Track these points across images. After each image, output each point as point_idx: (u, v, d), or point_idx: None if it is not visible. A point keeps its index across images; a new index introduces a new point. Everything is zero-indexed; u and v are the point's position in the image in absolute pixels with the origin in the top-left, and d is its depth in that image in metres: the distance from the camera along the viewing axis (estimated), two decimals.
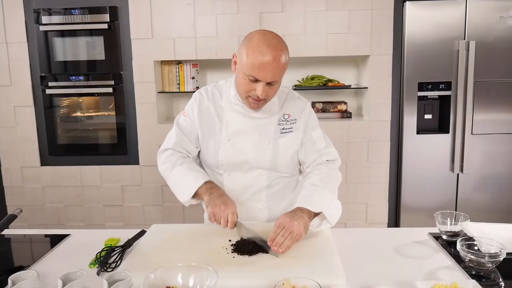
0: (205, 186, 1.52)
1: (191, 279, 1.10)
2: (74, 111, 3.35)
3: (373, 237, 1.52)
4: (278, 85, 1.52)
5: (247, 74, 1.44)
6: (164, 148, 1.69)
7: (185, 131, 1.67)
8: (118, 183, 3.25)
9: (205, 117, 1.65)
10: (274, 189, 1.68)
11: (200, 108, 1.66)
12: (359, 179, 3.19)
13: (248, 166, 1.63)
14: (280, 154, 1.62)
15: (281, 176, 1.67)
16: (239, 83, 1.51)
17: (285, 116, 1.64)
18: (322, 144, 1.66)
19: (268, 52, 1.40)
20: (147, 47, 3.08)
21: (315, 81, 3.31)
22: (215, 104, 1.65)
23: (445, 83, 2.98)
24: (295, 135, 1.63)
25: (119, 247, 1.38)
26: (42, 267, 1.33)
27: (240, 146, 1.61)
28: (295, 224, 1.32)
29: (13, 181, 3.29)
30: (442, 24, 2.91)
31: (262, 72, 1.41)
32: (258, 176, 1.64)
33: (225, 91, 1.66)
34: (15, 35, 3.10)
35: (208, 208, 1.45)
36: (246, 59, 1.43)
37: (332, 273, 1.20)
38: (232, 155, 1.61)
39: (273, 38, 1.45)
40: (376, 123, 3.12)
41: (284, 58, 1.44)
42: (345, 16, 3.01)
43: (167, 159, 1.65)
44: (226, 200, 1.44)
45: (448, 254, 1.36)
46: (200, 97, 1.68)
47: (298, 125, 1.64)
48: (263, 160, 1.62)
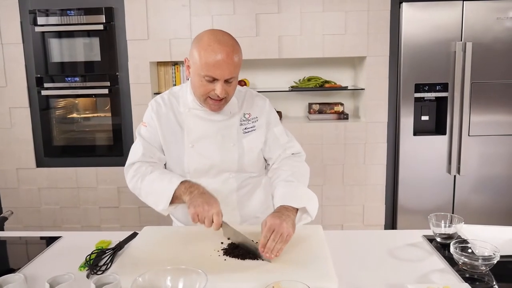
0: (183, 186, 1.46)
1: (180, 282, 1.09)
2: (70, 112, 3.34)
3: (366, 239, 1.51)
4: (236, 82, 1.51)
5: (203, 75, 1.42)
6: (130, 163, 1.61)
7: (150, 141, 1.61)
8: (114, 185, 3.24)
9: (165, 125, 1.60)
10: (244, 191, 1.66)
11: (158, 116, 1.61)
12: (355, 181, 3.18)
13: (215, 170, 1.60)
14: (246, 154, 1.61)
15: (250, 176, 1.66)
16: (196, 86, 1.48)
17: (246, 116, 1.63)
18: (284, 139, 1.67)
19: (220, 49, 1.39)
20: (143, 48, 3.07)
21: (311, 82, 3.30)
22: (173, 111, 1.61)
23: (442, 84, 2.97)
24: (258, 133, 1.63)
25: (110, 249, 1.37)
26: (31, 270, 1.31)
27: (205, 151, 1.58)
28: (284, 226, 1.30)
29: (9, 183, 3.28)
30: (438, 25, 2.91)
31: (218, 70, 1.40)
32: (226, 179, 1.62)
33: (182, 97, 1.62)
34: (11, 36, 3.09)
35: (190, 208, 1.38)
36: (199, 60, 1.41)
37: (324, 276, 1.19)
38: (198, 161, 1.58)
39: (223, 35, 1.44)
40: (372, 124, 3.11)
41: (237, 53, 1.43)
42: (341, 17, 3.00)
43: (136, 171, 1.57)
44: (209, 199, 1.40)
45: (441, 257, 1.35)
46: (157, 106, 1.63)
47: (260, 123, 1.64)
48: (229, 162, 1.60)
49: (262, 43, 3.04)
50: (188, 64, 1.51)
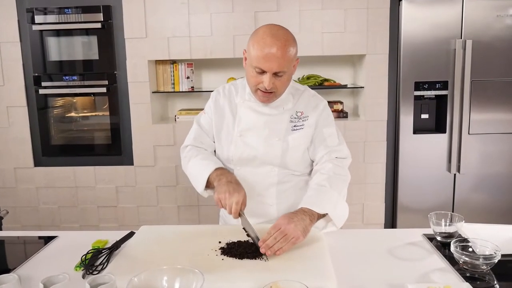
0: (215, 173, 1.55)
1: (176, 282, 1.07)
2: (68, 111, 3.32)
3: (366, 238, 1.49)
4: (287, 77, 1.52)
5: (254, 66, 1.47)
6: (184, 145, 1.77)
7: (204, 128, 1.74)
8: (112, 184, 3.22)
9: (220, 113, 1.70)
10: (284, 187, 1.67)
11: (216, 105, 1.71)
12: (355, 180, 3.13)
13: (258, 161, 1.64)
14: (290, 151, 1.62)
15: (292, 174, 1.66)
16: (249, 76, 1.54)
17: (297, 114, 1.64)
18: (334, 141, 1.63)
19: (272, 42, 1.42)
20: (141, 47, 3.05)
21: (311, 80, 3.28)
22: (230, 101, 1.70)
23: (442, 82, 2.96)
24: (305, 132, 1.63)
25: (106, 249, 1.35)
26: (27, 270, 1.30)
27: (251, 141, 1.63)
28: (291, 227, 1.29)
29: (6, 182, 3.26)
30: (438, 23, 2.89)
31: (267, 62, 1.43)
32: (268, 172, 1.64)
33: (240, 88, 1.70)
34: (8, 35, 3.07)
35: (215, 194, 1.48)
36: (252, 51, 1.46)
37: (323, 276, 1.17)
38: (243, 150, 1.64)
39: (279, 30, 1.47)
40: (372, 123, 3.10)
41: (289, 48, 1.45)
42: (341, 15, 2.98)
43: (186, 154, 1.72)
44: (233, 188, 1.45)
45: (442, 256, 1.33)
46: (217, 95, 1.74)
47: (310, 122, 1.63)
48: (272, 156, 1.62)
49: None
50: (245, 55, 1.55)
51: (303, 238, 1.31)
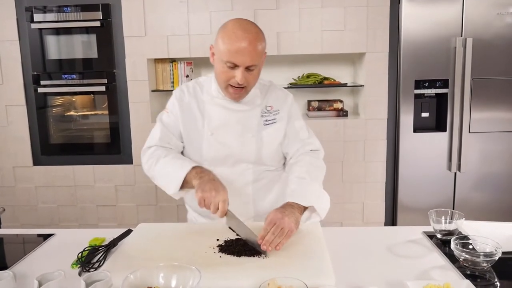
0: (194, 171, 1.47)
1: (173, 279, 1.06)
2: (67, 110, 3.31)
3: (365, 236, 1.48)
4: (257, 72, 1.51)
5: (225, 61, 1.44)
6: (148, 146, 1.66)
7: (169, 127, 1.64)
8: (111, 183, 3.21)
9: (187, 112, 1.63)
10: (260, 184, 1.65)
11: (181, 104, 1.64)
12: (355, 178, 3.15)
13: (232, 160, 1.61)
14: (265, 146, 1.61)
15: (267, 170, 1.65)
16: (218, 72, 1.50)
17: (267, 108, 1.64)
18: (305, 134, 1.66)
19: (244, 36, 1.41)
20: (140, 45, 3.04)
21: (310, 79, 3.27)
22: (197, 99, 1.64)
23: (442, 80, 2.94)
24: (278, 126, 1.63)
25: (103, 246, 1.34)
26: (23, 267, 1.29)
27: (224, 139, 1.59)
28: (286, 221, 1.29)
29: (5, 181, 3.25)
30: (439, 21, 2.87)
31: (240, 56, 1.41)
32: (243, 170, 1.62)
33: (206, 86, 1.65)
34: (7, 34, 3.06)
35: (198, 192, 1.38)
36: (222, 46, 1.43)
37: (321, 273, 1.16)
38: (216, 150, 1.59)
39: (248, 23, 1.46)
40: (372, 121, 3.08)
41: (260, 41, 1.45)
42: (340, 13, 2.97)
43: (151, 154, 1.61)
44: (217, 186, 1.39)
45: (442, 254, 1.32)
46: (181, 93, 1.66)
47: (281, 116, 1.64)
48: (247, 153, 1.60)
49: None
50: (213, 51, 1.53)
51: (296, 230, 1.33)
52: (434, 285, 1.02)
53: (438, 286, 1.02)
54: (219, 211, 1.35)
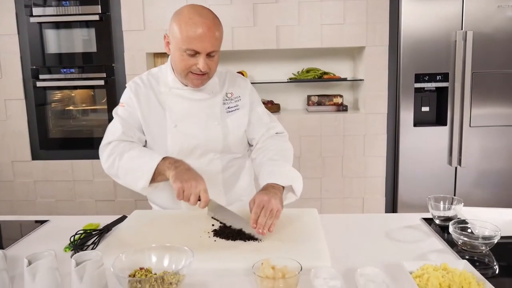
0: (167, 161, 1.39)
1: (165, 260, 1.04)
2: (66, 104, 3.30)
3: (363, 222, 1.46)
4: (218, 57, 1.48)
5: (185, 49, 1.39)
6: (107, 142, 1.53)
7: (129, 120, 1.55)
8: (110, 178, 3.16)
9: (145, 105, 1.55)
10: (229, 172, 1.64)
11: (138, 96, 1.55)
12: (355, 173, 3.12)
13: (200, 151, 1.56)
14: (231, 134, 1.59)
15: (234, 157, 1.64)
16: (177, 61, 1.44)
17: (228, 95, 1.62)
18: (267, 118, 1.66)
19: (202, 22, 1.37)
20: (139, 39, 3.03)
21: (310, 74, 3.25)
22: (154, 91, 1.56)
23: (442, 74, 2.92)
24: (241, 112, 1.62)
25: (97, 231, 1.33)
26: (15, 250, 1.28)
27: (189, 130, 1.54)
28: (272, 202, 1.27)
29: (4, 176, 3.24)
30: (439, 14, 2.85)
31: (200, 42, 1.37)
32: (211, 160, 1.59)
33: (162, 77, 1.58)
34: (5, 27, 3.05)
35: (176, 183, 1.31)
36: (180, 34, 1.38)
37: (317, 255, 1.14)
38: (182, 141, 1.54)
39: (203, 9, 1.42)
40: (372, 115, 3.06)
41: (218, 26, 1.43)
42: (340, 6, 2.95)
43: (112, 150, 1.49)
44: (196, 176, 1.34)
45: (440, 238, 1.30)
46: (136, 86, 1.58)
47: (244, 102, 1.63)
48: (214, 142, 1.57)
49: (259, 33, 3.00)
50: (168, 40, 1.48)
51: (282, 209, 1.31)
52: (431, 265, 1.00)
53: (435, 266, 1.00)
54: (202, 201, 1.31)
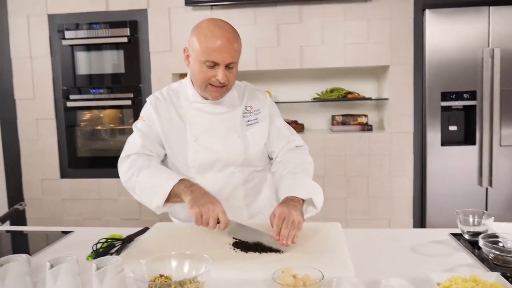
0: (183, 185, 1.37)
1: (185, 267, 1.04)
2: (94, 124, 3.38)
3: (389, 236, 1.42)
4: (236, 70, 1.49)
5: (204, 61, 1.41)
6: (126, 155, 1.53)
7: (149, 134, 1.55)
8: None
9: (166, 119, 1.56)
10: (250, 185, 1.62)
11: (158, 111, 1.56)
12: (381, 193, 3.06)
13: (220, 164, 1.55)
14: (251, 147, 1.58)
15: (255, 170, 1.63)
16: (196, 73, 1.45)
17: (247, 108, 1.62)
18: (287, 132, 1.65)
19: (221, 34, 1.39)
20: (166, 60, 3.11)
21: (334, 93, 3.25)
22: (174, 105, 1.58)
23: (470, 92, 2.87)
24: (261, 125, 1.61)
25: (119, 240, 1.33)
26: (40, 256, 1.30)
27: (209, 144, 1.54)
28: (293, 213, 1.25)
29: (33, 193, 3.32)
30: (464, 32, 2.83)
31: (219, 54, 1.39)
32: (232, 173, 1.58)
33: (181, 92, 1.60)
34: (39, 50, 3.19)
35: (193, 207, 1.29)
36: (199, 46, 1.40)
37: (339, 266, 1.11)
38: (203, 155, 1.54)
39: (222, 21, 1.46)
40: (398, 135, 3.02)
41: (237, 38, 1.45)
42: (363, 26, 2.96)
43: (132, 164, 1.49)
44: (212, 199, 1.32)
45: (470, 253, 1.24)
46: (156, 100, 1.59)
47: (263, 115, 1.62)
48: (235, 155, 1.55)
49: (283, 53, 3.03)
50: (188, 53, 1.50)
51: (303, 221, 1.29)
52: (460, 277, 0.96)
53: (464, 278, 0.95)
54: (221, 223, 1.28)
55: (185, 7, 3.04)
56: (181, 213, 1.66)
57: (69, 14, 3.13)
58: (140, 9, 3.09)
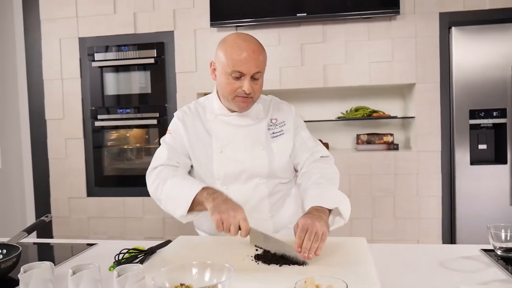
0: (205, 192, 1.38)
1: (206, 276, 1.02)
2: (120, 143, 3.45)
3: (416, 251, 1.37)
4: (261, 82, 1.53)
5: (230, 72, 1.45)
6: (153, 167, 1.58)
7: (176, 146, 1.60)
8: (159, 215, 3.24)
9: (192, 132, 1.61)
10: (276, 197, 1.62)
11: (185, 124, 1.62)
12: (408, 214, 2.98)
13: (245, 175, 1.57)
14: (276, 158, 1.58)
15: (280, 182, 1.62)
16: (223, 85, 1.50)
17: (273, 121, 1.64)
18: (312, 143, 1.65)
19: (246, 45, 1.45)
20: (191, 80, 3.16)
21: (359, 112, 3.22)
22: (200, 119, 1.63)
23: (499, 110, 2.79)
24: (286, 137, 1.62)
25: (141, 252, 1.33)
26: (64, 266, 1.31)
27: (234, 155, 1.57)
28: (317, 224, 1.22)
29: (60, 212, 3.38)
30: (492, 49, 2.78)
31: (245, 64, 1.43)
32: (257, 185, 1.58)
33: (208, 105, 1.65)
34: (70, 72, 3.29)
35: (214, 214, 1.29)
36: (225, 58, 1.46)
37: (365, 279, 1.07)
38: (228, 166, 1.56)
39: (247, 35, 1.51)
40: (424, 153, 2.95)
41: (262, 50, 1.49)
42: (388, 44, 2.95)
43: (157, 175, 1.54)
44: (233, 205, 1.32)
45: (503, 269, 1.18)
46: (183, 114, 1.65)
47: (288, 127, 1.63)
48: (260, 166, 1.57)
49: (307, 73, 3.04)
50: (214, 67, 1.55)
51: (328, 232, 1.26)
52: None
53: None
54: (243, 230, 1.27)
55: (210, 29, 3.11)
56: (206, 226, 1.66)
57: (99, 37, 3.24)
58: (167, 31, 3.17)
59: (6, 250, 1.32)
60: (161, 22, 3.17)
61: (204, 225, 1.67)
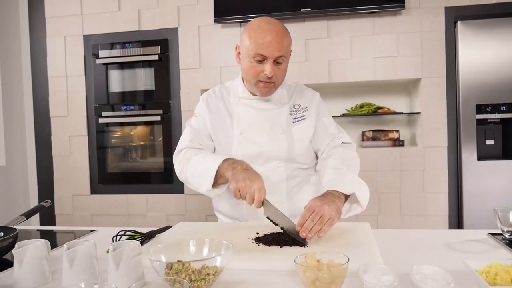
0: (226, 163, 1.42)
1: (205, 248, 1.00)
2: (125, 140, 3.44)
3: (422, 235, 1.33)
4: (285, 66, 1.52)
5: (253, 55, 1.46)
6: (178, 150, 1.65)
7: (199, 129, 1.65)
8: (163, 212, 3.22)
9: (215, 114, 1.65)
10: (294, 182, 1.60)
11: (209, 106, 1.66)
12: (414, 211, 2.93)
13: (263, 158, 1.58)
14: (296, 143, 1.58)
15: (299, 167, 1.62)
16: (247, 69, 1.51)
17: (295, 106, 1.64)
18: (334, 129, 1.64)
19: (270, 29, 1.45)
20: (195, 77, 3.15)
21: (364, 109, 3.19)
22: (224, 101, 1.67)
23: (507, 104, 2.75)
24: (308, 122, 1.62)
25: (140, 235, 1.31)
26: (61, 251, 1.28)
27: (254, 138, 1.58)
28: (325, 208, 1.19)
29: (64, 209, 3.36)
30: (499, 43, 2.74)
31: (268, 48, 1.43)
32: (275, 168, 1.58)
33: (232, 89, 1.68)
34: (74, 69, 3.30)
35: (232, 183, 1.33)
36: (249, 41, 1.47)
37: (368, 258, 1.04)
38: (246, 148, 1.58)
39: (271, 19, 1.51)
40: (431, 150, 2.91)
41: (286, 33, 1.49)
42: (393, 39, 2.93)
43: (183, 157, 1.60)
44: (252, 175, 1.32)
45: (511, 250, 1.15)
46: (208, 97, 1.69)
47: (310, 112, 1.63)
48: (278, 150, 1.57)
49: (311, 68, 3.02)
50: (239, 51, 1.57)
51: (338, 219, 1.23)
52: (500, 264, 0.87)
53: (506, 266, 0.87)
54: (256, 201, 1.27)
55: (214, 25, 3.10)
56: (222, 206, 1.67)
57: (104, 34, 3.25)
58: (171, 28, 3.17)
59: (4, 233, 1.30)
60: (165, 19, 3.17)
61: (219, 205, 1.68)
